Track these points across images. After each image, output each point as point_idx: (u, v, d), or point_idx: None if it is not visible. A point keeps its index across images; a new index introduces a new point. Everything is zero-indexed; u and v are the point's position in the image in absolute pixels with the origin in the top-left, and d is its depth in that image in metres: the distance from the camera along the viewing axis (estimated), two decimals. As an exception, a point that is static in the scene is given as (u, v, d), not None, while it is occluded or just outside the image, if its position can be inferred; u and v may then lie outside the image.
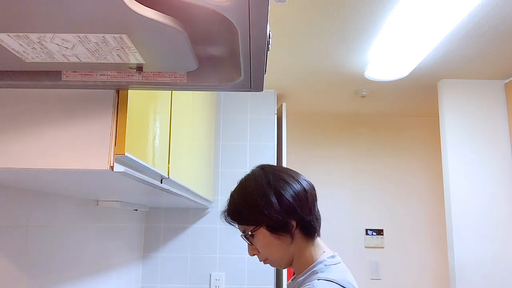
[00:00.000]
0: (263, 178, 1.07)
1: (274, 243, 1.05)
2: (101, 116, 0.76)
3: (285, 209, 1.03)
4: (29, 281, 1.17)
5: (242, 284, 2.45)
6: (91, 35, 0.57)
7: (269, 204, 1.03)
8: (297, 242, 1.06)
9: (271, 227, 1.04)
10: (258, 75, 0.70)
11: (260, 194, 1.04)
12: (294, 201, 1.04)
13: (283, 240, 1.05)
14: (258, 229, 1.05)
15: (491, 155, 2.49)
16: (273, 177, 1.07)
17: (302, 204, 1.05)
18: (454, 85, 2.57)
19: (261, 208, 1.03)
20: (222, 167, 2.58)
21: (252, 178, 1.09)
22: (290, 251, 1.06)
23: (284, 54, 2.22)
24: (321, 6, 1.73)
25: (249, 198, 1.06)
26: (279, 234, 1.04)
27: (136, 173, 0.91)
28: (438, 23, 1.78)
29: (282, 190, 1.05)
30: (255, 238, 1.06)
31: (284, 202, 1.03)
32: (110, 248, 1.83)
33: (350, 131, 3.52)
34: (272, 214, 1.02)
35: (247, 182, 1.10)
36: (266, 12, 0.50)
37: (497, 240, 2.40)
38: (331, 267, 1.03)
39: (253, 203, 1.05)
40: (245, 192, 1.08)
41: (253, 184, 1.07)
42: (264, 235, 1.05)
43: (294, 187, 1.06)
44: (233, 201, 1.11)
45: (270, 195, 1.04)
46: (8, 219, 1.07)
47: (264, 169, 1.10)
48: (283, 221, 1.03)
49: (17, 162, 0.74)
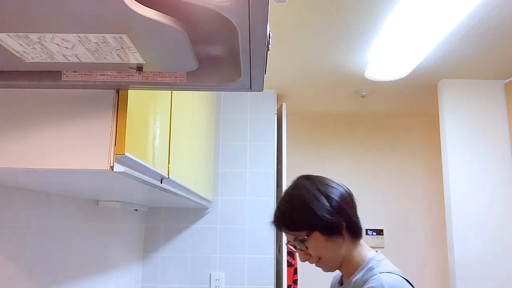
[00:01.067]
0: (310, 185, 1.13)
1: (328, 246, 1.10)
2: (101, 116, 0.76)
3: (336, 210, 1.10)
4: (29, 281, 1.17)
5: (242, 284, 2.45)
6: (91, 35, 0.57)
7: (321, 207, 1.09)
8: (347, 243, 1.12)
9: (325, 229, 1.09)
10: (258, 75, 0.70)
11: (312, 199, 1.10)
12: (343, 203, 1.11)
13: (335, 242, 1.10)
14: (312, 233, 1.09)
15: (491, 155, 2.49)
16: (320, 183, 1.14)
17: (349, 206, 1.13)
18: (454, 85, 2.57)
19: (314, 212, 1.08)
20: (222, 167, 2.57)
21: (300, 186, 1.15)
22: (341, 253, 1.12)
23: (284, 54, 2.22)
24: (321, 6, 1.73)
25: (302, 204, 1.11)
26: (332, 236, 1.09)
27: (136, 173, 0.91)
28: (438, 23, 1.78)
29: (331, 194, 1.12)
30: (308, 242, 1.10)
31: (334, 204, 1.10)
32: (110, 248, 1.83)
33: (350, 131, 3.52)
34: (326, 216, 1.08)
35: (295, 190, 1.15)
36: (266, 12, 0.50)
37: (497, 240, 2.40)
38: (382, 262, 1.10)
39: (306, 208, 1.10)
40: (296, 199, 1.13)
41: (303, 191, 1.13)
42: (318, 239, 1.09)
43: (340, 191, 1.14)
44: (284, 209, 1.15)
45: (321, 198, 1.10)
46: (8, 219, 1.07)
47: (309, 178, 1.17)
48: (336, 223, 1.09)
49: (17, 162, 0.74)
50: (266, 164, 2.59)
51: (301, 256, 1.14)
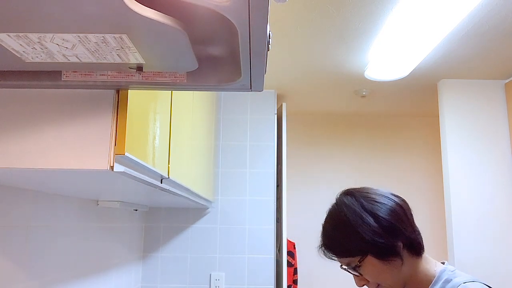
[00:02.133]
0: (354, 203, 1.01)
1: (385, 269, 0.98)
2: (101, 116, 0.76)
3: (387, 231, 0.97)
4: (29, 281, 1.17)
5: (242, 284, 2.45)
6: (91, 35, 0.57)
7: (370, 230, 0.97)
8: (408, 262, 1.00)
9: (378, 253, 0.97)
10: (258, 75, 0.69)
11: (358, 221, 0.98)
12: (394, 220, 0.99)
13: (393, 264, 0.98)
14: (365, 258, 0.98)
15: (491, 155, 2.49)
16: (365, 200, 1.01)
17: (403, 221, 1.00)
18: (454, 85, 2.57)
19: (362, 236, 0.97)
20: (222, 167, 2.57)
21: (343, 206, 1.03)
22: (403, 274, 1.00)
23: (284, 54, 2.22)
24: (321, 6, 1.73)
25: (347, 228, 1.00)
26: (388, 259, 0.97)
27: (136, 173, 0.91)
28: (438, 23, 1.78)
29: (379, 212, 0.99)
30: (363, 268, 0.99)
31: (385, 224, 0.98)
32: (110, 248, 1.83)
33: (350, 131, 3.52)
34: (376, 239, 0.96)
35: (338, 212, 1.03)
36: (266, 12, 0.50)
37: (497, 240, 2.40)
38: (456, 272, 1.00)
39: (353, 232, 0.98)
40: (340, 222, 1.02)
41: (347, 212, 1.01)
42: (372, 264, 0.98)
43: (389, 206, 1.01)
44: (329, 234, 1.04)
45: (368, 219, 0.98)
46: (8, 219, 1.07)
47: (352, 194, 1.04)
48: (389, 244, 0.97)
49: (17, 162, 0.74)
50: (266, 164, 2.59)
51: (356, 282, 1.04)
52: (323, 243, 1.04)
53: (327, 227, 1.05)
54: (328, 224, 1.05)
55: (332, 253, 1.02)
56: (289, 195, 3.32)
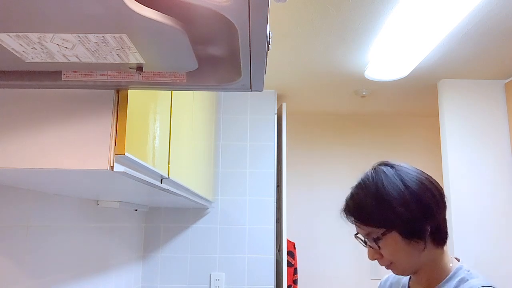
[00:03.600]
0: (395, 175, 0.96)
1: (405, 250, 0.94)
2: (101, 116, 0.76)
3: (421, 211, 0.93)
4: (29, 281, 1.17)
5: (242, 284, 2.45)
6: (91, 35, 0.57)
7: (404, 205, 0.92)
8: (429, 250, 0.96)
9: (405, 231, 0.93)
10: (258, 75, 0.70)
11: (396, 194, 0.93)
12: (431, 203, 0.94)
13: (415, 247, 0.94)
14: (389, 233, 0.94)
15: (491, 155, 2.49)
16: (406, 176, 0.96)
17: (438, 206, 0.96)
18: (454, 85, 2.57)
19: (395, 209, 0.92)
20: (222, 167, 2.57)
21: (382, 174, 0.98)
22: (420, 259, 0.96)
23: (284, 54, 2.22)
24: (321, 6, 1.73)
25: (381, 197, 0.94)
26: (413, 239, 0.93)
27: (136, 173, 0.91)
28: (438, 23, 1.78)
29: (419, 191, 0.94)
30: (383, 242, 0.95)
31: (422, 204, 0.93)
32: (110, 248, 1.83)
33: (350, 131, 3.52)
34: (409, 216, 0.92)
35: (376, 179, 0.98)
36: (266, 12, 0.50)
37: (497, 240, 2.40)
38: (473, 272, 0.96)
39: (386, 202, 0.93)
40: (375, 189, 0.96)
41: (385, 181, 0.96)
42: (395, 240, 0.94)
43: (430, 188, 0.96)
44: (359, 199, 0.99)
45: (407, 195, 0.93)
46: (8, 219, 1.07)
47: (393, 167, 0.99)
48: (419, 225, 0.92)
49: (17, 162, 0.74)
50: (266, 164, 2.59)
51: (369, 254, 1.00)
52: (349, 206, 1.00)
53: (359, 192, 0.99)
54: (360, 190, 1.00)
55: (357, 218, 0.98)
56: (289, 195, 3.32)
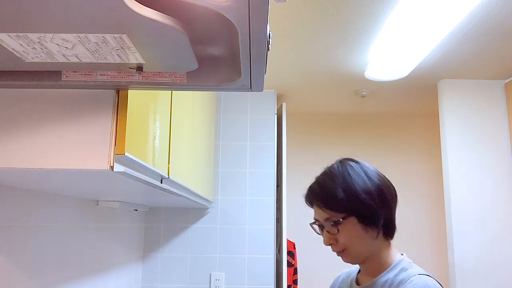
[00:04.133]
0: (358, 167, 1.06)
1: (361, 235, 1.01)
2: (101, 116, 0.76)
3: (380, 199, 1.01)
4: (29, 281, 1.17)
5: (242, 284, 2.45)
6: (91, 35, 0.57)
7: (366, 192, 1.01)
8: (379, 239, 1.04)
9: (363, 217, 1.00)
10: (258, 75, 0.69)
11: (358, 181, 1.02)
12: (389, 196, 1.04)
13: (370, 233, 1.02)
14: (349, 217, 1.01)
15: (491, 155, 2.49)
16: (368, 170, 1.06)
17: (393, 200, 1.05)
18: (454, 85, 2.57)
19: (359, 195, 1.00)
20: (222, 167, 2.57)
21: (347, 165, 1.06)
22: (371, 247, 1.03)
23: (284, 54, 2.22)
24: (321, 6, 1.73)
25: (346, 183, 1.02)
26: (369, 226, 1.01)
27: (136, 173, 0.91)
28: (438, 23, 1.78)
29: (379, 182, 1.04)
30: (342, 226, 1.01)
31: (380, 192, 1.02)
32: (110, 248, 1.83)
33: (350, 131, 3.52)
34: (369, 203, 1.00)
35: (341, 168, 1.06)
36: (266, 12, 0.50)
37: (497, 240, 2.40)
38: (413, 264, 1.03)
39: (350, 188, 1.01)
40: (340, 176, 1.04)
41: (349, 170, 1.05)
42: (353, 225, 1.01)
43: (386, 182, 1.06)
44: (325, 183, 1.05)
45: (370, 184, 1.02)
46: (8, 219, 1.07)
47: (357, 162, 1.09)
48: (377, 212, 1.01)
49: (17, 162, 0.74)
50: (266, 164, 2.59)
51: (325, 239, 1.05)
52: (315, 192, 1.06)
53: (326, 179, 1.06)
54: (326, 176, 1.07)
55: (321, 201, 1.04)
56: (289, 195, 3.32)
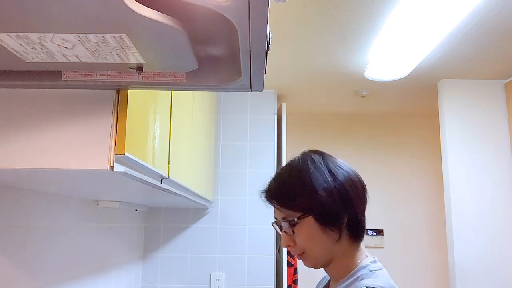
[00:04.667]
0: (320, 161, 0.95)
1: (319, 237, 0.92)
2: (101, 116, 0.76)
3: (342, 198, 0.91)
4: (29, 281, 1.17)
5: (242, 284, 2.45)
6: (91, 35, 0.57)
7: (325, 189, 0.91)
8: (343, 242, 0.94)
9: (322, 217, 0.90)
10: (258, 75, 0.70)
11: (318, 177, 0.92)
12: (352, 193, 0.93)
13: (330, 235, 0.92)
14: (306, 217, 0.91)
15: (491, 155, 2.49)
16: (332, 164, 0.96)
17: (358, 198, 0.95)
18: (454, 85, 2.57)
19: (316, 192, 0.90)
20: (222, 167, 2.57)
21: (308, 159, 0.96)
22: (332, 251, 0.94)
23: (284, 54, 2.22)
24: (321, 6, 1.73)
25: (304, 179, 0.93)
26: (328, 227, 0.91)
27: (136, 173, 0.91)
28: (438, 23, 1.78)
29: (342, 178, 0.93)
30: (298, 227, 0.92)
31: (342, 190, 0.92)
32: (110, 248, 1.83)
33: (350, 131, 3.52)
34: (328, 202, 0.90)
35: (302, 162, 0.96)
36: (266, 12, 0.50)
37: (497, 240, 2.40)
38: (376, 272, 0.93)
39: (308, 184, 0.92)
40: (299, 171, 0.94)
41: (310, 165, 0.94)
42: (310, 226, 0.91)
43: (353, 179, 0.95)
44: (282, 179, 0.97)
45: (330, 180, 0.92)
46: (8, 219, 1.07)
47: (321, 154, 0.98)
48: (337, 212, 0.91)
49: (17, 162, 0.74)
50: (266, 164, 2.59)
51: (283, 241, 0.96)
52: (270, 186, 0.97)
53: (282, 173, 0.98)
54: (285, 171, 0.98)
55: (276, 199, 0.95)
56: (289, 195, 3.32)
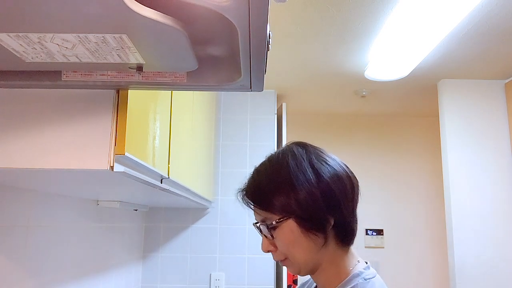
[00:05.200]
0: (303, 155, 0.84)
1: (301, 242, 0.81)
2: (101, 116, 0.76)
3: (325, 198, 0.80)
4: (29, 281, 1.17)
5: (242, 284, 2.45)
6: (91, 35, 0.57)
7: (307, 189, 0.80)
8: (330, 247, 0.84)
9: (302, 220, 0.80)
10: (258, 75, 0.69)
11: (298, 175, 0.81)
12: (337, 190, 0.82)
13: (314, 240, 0.81)
14: (286, 220, 0.81)
15: (491, 155, 2.49)
16: (315, 157, 0.84)
17: (346, 197, 0.84)
18: (454, 85, 2.57)
19: (296, 192, 0.80)
20: (222, 167, 2.57)
21: (289, 154, 0.85)
22: (318, 256, 0.84)
23: (284, 54, 2.22)
24: (321, 6, 1.73)
25: (283, 177, 0.82)
26: (311, 232, 0.81)
27: (136, 173, 0.91)
28: (438, 23, 1.78)
29: (326, 174, 0.82)
30: (278, 231, 0.82)
31: (326, 189, 0.81)
32: (110, 248, 1.83)
33: (350, 131, 3.52)
34: (310, 203, 0.80)
35: (281, 157, 0.85)
36: (266, 12, 0.50)
37: (497, 240, 2.40)
38: (371, 281, 0.82)
39: (287, 184, 0.81)
40: (278, 169, 0.84)
41: (290, 161, 0.83)
42: (291, 229, 0.81)
43: (338, 173, 0.84)
44: (259, 178, 0.86)
45: (312, 178, 0.81)
46: (8, 219, 1.07)
47: (305, 147, 0.87)
48: (320, 215, 0.80)
49: (17, 162, 0.74)
50: (266, 164, 2.58)
51: (263, 245, 0.87)
52: (247, 186, 0.87)
53: (261, 170, 0.87)
54: (263, 167, 0.87)
55: (253, 200, 0.85)
56: (289, 195, 3.32)
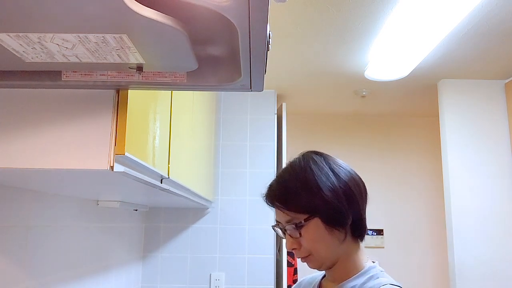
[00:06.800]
0: (322, 161, 0.94)
1: (326, 239, 0.91)
2: (101, 116, 0.76)
3: (347, 198, 0.91)
4: (29, 281, 1.17)
5: (242, 284, 2.45)
6: (91, 35, 0.57)
7: (331, 189, 0.90)
8: (348, 242, 0.94)
9: (328, 218, 0.90)
10: (258, 75, 0.69)
11: (322, 178, 0.91)
12: (356, 193, 0.93)
13: (336, 236, 0.91)
14: (312, 219, 0.90)
15: (491, 155, 2.49)
16: (334, 164, 0.95)
17: (361, 196, 0.95)
18: (454, 85, 2.57)
19: (322, 193, 0.89)
20: (222, 167, 2.57)
21: (310, 161, 0.95)
22: (338, 251, 0.93)
23: (284, 54, 2.22)
24: (321, 6, 1.73)
25: (308, 181, 0.91)
26: (334, 228, 0.90)
27: (136, 173, 0.91)
28: (438, 23, 1.78)
29: (345, 178, 0.93)
30: (305, 229, 0.91)
31: (347, 190, 0.91)
32: (110, 248, 1.83)
33: (350, 131, 3.52)
34: (335, 202, 0.89)
35: (304, 164, 0.94)
36: (266, 12, 0.50)
37: (497, 240, 2.40)
38: (384, 273, 0.95)
39: (313, 186, 0.90)
40: (303, 174, 0.93)
41: (313, 166, 0.93)
42: (317, 227, 0.90)
43: (355, 178, 0.96)
44: (286, 183, 0.95)
45: (335, 180, 0.91)
46: (8, 219, 1.07)
47: (322, 155, 0.98)
48: (343, 212, 0.90)
49: (17, 162, 0.74)
50: (266, 164, 2.59)
51: (288, 244, 0.94)
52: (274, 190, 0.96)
53: (286, 176, 0.96)
54: (288, 174, 0.96)
55: (281, 202, 0.93)
56: (289, 195, 3.32)
